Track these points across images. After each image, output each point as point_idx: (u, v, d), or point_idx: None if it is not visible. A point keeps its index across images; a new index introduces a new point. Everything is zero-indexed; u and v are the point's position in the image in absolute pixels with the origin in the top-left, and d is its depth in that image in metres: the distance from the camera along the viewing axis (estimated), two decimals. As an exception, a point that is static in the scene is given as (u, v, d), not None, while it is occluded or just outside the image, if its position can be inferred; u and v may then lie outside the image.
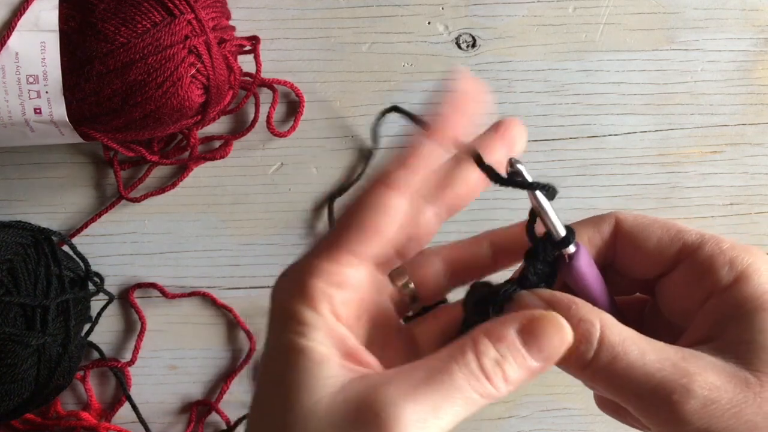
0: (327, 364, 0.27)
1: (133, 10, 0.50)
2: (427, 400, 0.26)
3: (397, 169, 0.29)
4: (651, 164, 0.60)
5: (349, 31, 0.59)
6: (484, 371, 0.27)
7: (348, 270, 0.29)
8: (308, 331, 0.28)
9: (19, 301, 0.50)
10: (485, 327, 0.28)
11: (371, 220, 0.29)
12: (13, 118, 0.51)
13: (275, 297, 0.29)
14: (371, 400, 0.26)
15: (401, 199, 0.29)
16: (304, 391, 0.27)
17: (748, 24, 0.60)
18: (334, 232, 0.29)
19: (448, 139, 0.29)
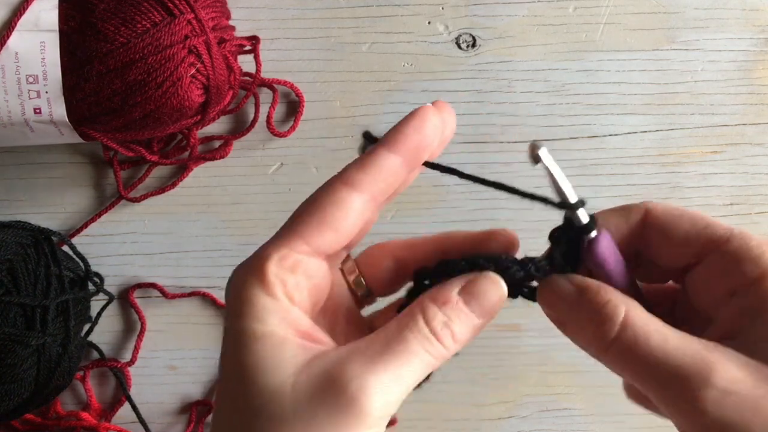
0: (286, 345, 0.28)
1: (133, 10, 0.50)
2: (387, 369, 0.28)
3: (356, 171, 0.31)
4: (651, 164, 0.60)
5: (349, 31, 0.59)
6: (434, 334, 0.29)
7: (300, 256, 0.30)
8: (264, 316, 0.29)
9: (19, 301, 0.50)
10: (430, 293, 0.31)
11: (327, 213, 0.30)
12: (13, 118, 0.51)
13: (230, 285, 0.30)
14: (336, 376, 0.27)
15: (358, 197, 0.30)
16: (267, 375, 0.28)
17: (748, 24, 0.60)
18: (289, 222, 0.31)
19: (407, 152, 0.31)
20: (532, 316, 0.60)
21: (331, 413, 0.27)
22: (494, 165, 0.60)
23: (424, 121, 0.32)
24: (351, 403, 0.27)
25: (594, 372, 0.61)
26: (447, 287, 0.31)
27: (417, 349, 0.29)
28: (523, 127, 0.60)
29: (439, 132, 0.32)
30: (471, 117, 0.59)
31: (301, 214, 0.31)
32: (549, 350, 0.61)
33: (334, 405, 0.27)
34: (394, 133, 0.32)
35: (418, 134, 0.31)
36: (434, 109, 0.32)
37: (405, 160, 0.31)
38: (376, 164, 0.31)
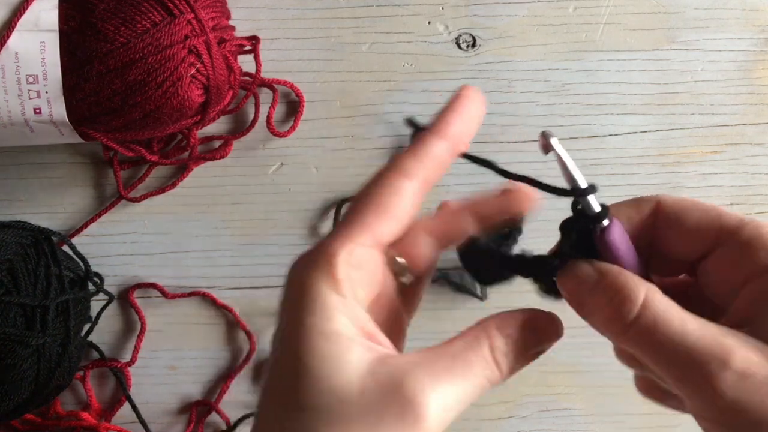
0: (353, 346, 0.29)
1: (133, 10, 0.50)
2: (451, 386, 0.29)
3: (410, 160, 0.31)
4: (651, 164, 0.60)
5: (349, 31, 0.59)
6: (496, 363, 0.31)
7: (364, 251, 0.30)
8: (333, 314, 0.29)
9: (19, 301, 0.50)
10: (497, 320, 0.32)
11: (386, 202, 0.31)
12: (13, 118, 0.51)
13: (296, 278, 0.30)
14: (403, 385, 0.28)
15: (411, 185, 0.31)
16: (334, 374, 0.28)
17: (748, 24, 0.60)
18: (350, 214, 0.31)
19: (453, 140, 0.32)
20: (532, 316, 0.60)
21: (396, 420, 0.28)
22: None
23: (467, 105, 0.32)
24: (416, 414, 0.28)
25: (594, 372, 0.61)
26: (512, 318, 0.32)
27: (478, 373, 0.30)
28: (523, 127, 0.60)
29: (480, 114, 0.33)
30: (471, 117, 0.59)
31: (360, 205, 0.31)
32: (549, 350, 0.61)
33: (399, 413, 0.28)
34: (443, 119, 0.32)
35: (463, 119, 0.32)
36: (476, 93, 0.33)
37: (452, 145, 0.32)
38: (428, 152, 0.32)
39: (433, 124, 0.32)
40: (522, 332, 0.32)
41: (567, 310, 0.63)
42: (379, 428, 0.27)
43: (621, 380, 0.61)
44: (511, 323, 0.32)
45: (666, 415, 0.61)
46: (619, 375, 0.61)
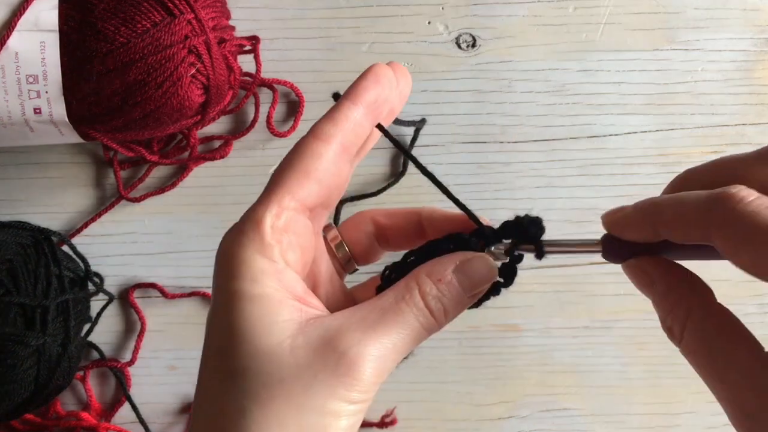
0: (282, 307, 0.29)
1: (133, 10, 0.50)
2: (384, 337, 0.30)
3: (325, 124, 0.33)
4: (651, 164, 0.60)
5: (349, 31, 0.59)
6: (429, 308, 0.31)
7: (290, 213, 0.31)
8: (260, 277, 0.29)
9: (19, 301, 0.50)
10: (426, 268, 0.32)
11: (304, 164, 0.31)
12: (13, 118, 0.51)
13: (223, 246, 0.31)
14: (335, 341, 0.29)
15: (330, 148, 0.32)
16: (263, 336, 0.29)
17: (748, 24, 0.60)
18: (271, 180, 0.32)
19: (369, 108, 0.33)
20: (532, 316, 0.60)
21: (330, 376, 0.28)
22: (494, 165, 0.60)
23: (378, 74, 0.33)
24: (350, 367, 0.28)
25: (594, 372, 0.61)
26: (443, 264, 0.32)
27: (412, 321, 0.30)
28: (523, 127, 0.60)
29: (394, 84, 0.33)
30: (471, 117, 0.59)
31: (281, 171, 0.32)
32: (549, 350, 0.61)
33: (333, 368, 0.28)
34: (354, 87, 0.33)
35: (375, 85, 0.33)
36: (386, 65, 0.33)
37: (367, 111, 0.33)
38: (342, 116, 0.32)
39: (346, 91, 0.33)
40: (454, 276, 0.32)
41: (571, 311, 0.62)
42: (314, 384, 0.28)
43: (621, 380, 0.61)
44: (442, 268, 0.32)
45: (666, 415, 0.62)
46: (619, 375, 0.61)
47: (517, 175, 0.60)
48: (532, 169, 0.60)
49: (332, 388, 0.28)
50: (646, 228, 0.30)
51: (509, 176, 0.60)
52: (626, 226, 0.31)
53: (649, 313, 0.31)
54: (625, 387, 0.61)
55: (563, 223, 0.59)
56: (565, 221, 0.59)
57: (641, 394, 0.61)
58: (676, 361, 0.61)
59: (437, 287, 0.31)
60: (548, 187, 0.60)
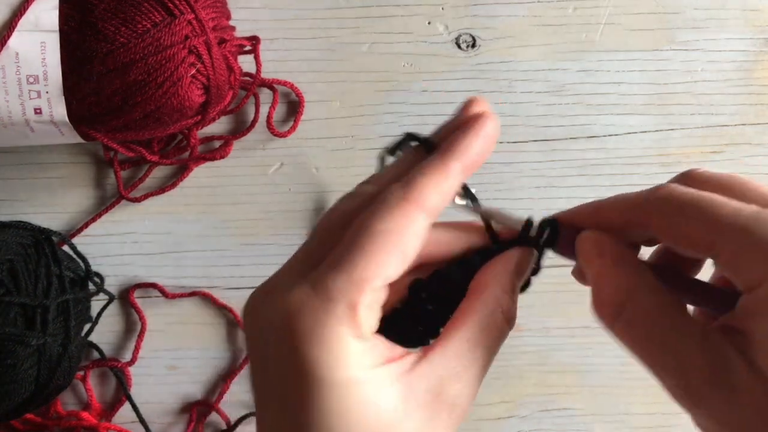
0: (384, 378, 0.28)
1: (133, 10, 0.50)
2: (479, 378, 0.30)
3: (434, 194, 0.29)
4: (651, 164, 0.60)
5: (349, 31, 0.59)
6: (510, 324, 0.31)
7: (377, 293, 0.28)
8: (363, 360, 0.28)
9: (19, 301, 0.50)
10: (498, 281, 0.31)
11: (403, 241, 0.28)
12: (13, 118, 0.51)
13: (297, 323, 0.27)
14: (442, 394, 0.29)
15: (427, 221, 0.29)
16: (376, 410, 0.28)
17: (748, 24, 0.60)
18: (357, 250, 0.28)
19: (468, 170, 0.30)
20: (532, 316, 0.60)
21: (447, 427, 0.29)
22: (494, 165, 0.60)
23: (489, 136, 0.30)
24: (462, 413, 0.29)
25: (594, 372, 0.61)
26: (506, 272, 0.32)
27: (497, 347, 0.31)
28: (523, 127, 0.60)
29: (497, 133, 0.31)
30: (471, 117, 0.59)
31: (376, 244, 0.28)
32: (549, 350, 0.61)
33: (448, 420, 0.29)
34: (463, 147, 0.30)
35: (483, 153, 0.30)
36: (496, 123, 0.31)
37: (467, 170, 0.30)
38: (452, 187, 0.30)
39: (454, 149, 0.29)
40: (517, 280, 0.32)
41: (571, 310, 0.63)
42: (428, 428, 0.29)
43: (621, 380, 0.61)
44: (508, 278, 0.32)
45: (666, 415, 0.62)
46: (619, 375, 0.61)
47: (517, 175, 0.60)
48: (532, 169, 0.60)
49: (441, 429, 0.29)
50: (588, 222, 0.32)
51: (509, 176, 0.60)
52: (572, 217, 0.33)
53: (649, 313, 0.32)
54: (625, 387, 0.61)
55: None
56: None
57: (641, 394, 0.61)
58: (675, 361, 0.61)
59: (513, 297, 0.31)
60: (548, 187, 0.60)
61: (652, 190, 0.30)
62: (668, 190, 0.29)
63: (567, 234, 0.32)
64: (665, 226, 0.29)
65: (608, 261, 0.30)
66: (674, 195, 0.29)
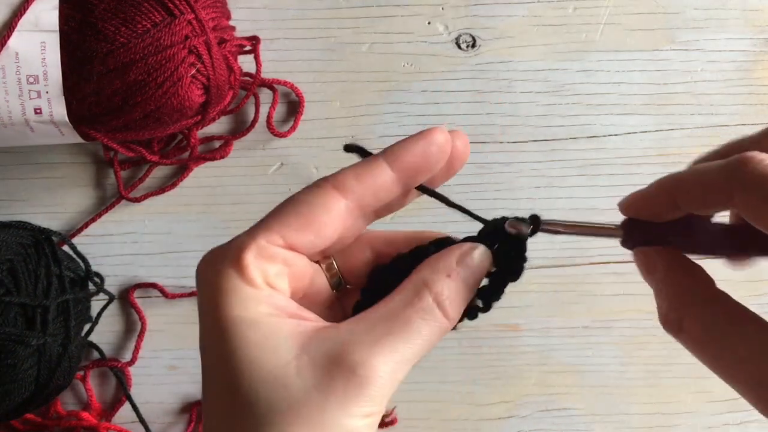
0: (278, 330, 0.28)
1: (133, 10, 0.50)
2: (395, 350, 0.28)
3: (348, 176, 0.31)
4: (651, 164, 0.60)
5: (349, 31, 0.59)
6: (444, 310, 0.30)
7: (279, 249, 0.30)
8: (249, 304, 0.29)
9: (19, 301, 0.50)
10: (431, 266, 0.31)
11: (312, 215, 0.30)
12: (13, 118, 0.51)
13: (203, 275, 0.30)
14: (342, 358, 0.28)
15: (345, 203, 0.30)
16: (266, 360, 0.28)
17: (748, 24, 0.60)
18: (271, 215, 0.31)
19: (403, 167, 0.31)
20: (531, 316, 0.60)
21: (342, 396, 0.27)
22: (494, 165, 0.60)
23: (430, 143, 0.31)
24: (361, 385, 0.27)
25: (594, 372, 0.61)
26: (445, 259, 0.31)
27: (423, 328, 0.29)
28: (523, 127, 0.60)
29: (443, 157, 0.31)
30: (471, 117, 0.59)
31: (284, 209, 0.31)
32: (549, 350, 0.61)
33: (344, 388, 0.27)
34: (397, 147, 0.31)
35: (420, 154, 0.31)
36: (445, 134, 0.31)
37: (400, 177, 0.31)
38: (371, 174, 0.31)
39: (388, 148, 0.31)
40: (460, 269, 0.31)
41: (571, 310, 0.63)
42: (327, 406, 0.27)
43: (621, 380, 0.61)
44: (447, 264, 0.31)
45: (666, 415, 0.62)
46: (619, 375, 0.61)
47: (517, 175, 0.60)
48: (532, 169, 0.60)
49: (345, 407, 0.27)
50: (666, 201, 0.30)
51: (509, 176, 0.60)
52: (645, 203, 0.31)
53: (649, 313, 0.31)
54: (625, 387, 0.61)
55: (563, 223, 0.59)
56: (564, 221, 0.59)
57: (641, 394, 0.61)
58: (675, 361, 0.61)
59: (448, 285, 0.30)
60: (548, 187, 0.60)
61: (734, 163, 0.27)
62: (753, 166, 0.26)
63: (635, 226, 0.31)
64: (752, 208, 0.27)
65: (660, 276, 0.30)
66: (761, 173, 0.26)
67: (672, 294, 0.29)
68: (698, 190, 0.28)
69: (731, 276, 0.31)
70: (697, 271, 0.30)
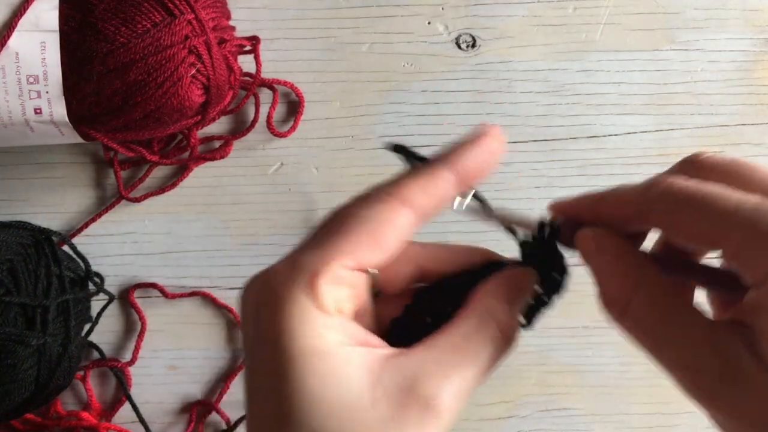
0: (351, 358, 0.27)
1: (133, 10, 0.50)
2: (463, 382, 0.29)
3: (417, 191, 0.30)
4: (651, 164, 0.60)
5: (349, 31, 0.59)
6: (506, 336, 0.30)
7: (348, 272, 0.29)
8: (323, 332, 0.27)
9: (19, 301, 0.50)
10: (494, 295, 0.31)
11: (378, 229, 0.29)
12: (13, 118, 0.51)
13: (266, 298, 0.28)
14: (416, 389, 0.27)
15: (409, 216, 0.29)
16: (340, 392, 0.27)
17: (748, 24, 0.60)
18: (339, 230, 0.29)
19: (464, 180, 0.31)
20: (532, 316, 0.60)
21: (417, 428, 0.27)
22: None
23: (490, 150, 0.31)
24: (434, 417, 0.27)
25: (594, 372, 0.61)
26: (507, 285, 0.31)
27: (487, 355, 0.30)
28: (523, 127, 0.60)
29: (497, 161, 0.31)
30: (471, 117, 0.59)
31: (353, 228, 0.29)
32: (549, 350, 0.61)
33: (418, 420, 0.27)
34: (461, 155, 0.31)
35: (482, 163, 0.31)
36: (500, 138, 0.31)
37: (461, 182, 0.31)
38: (436, 186, 0.30)
39: (448, 156, 0.30)
40: (514, 294, 0.31)
41: (571, 310, 0.62)
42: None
43: (621, 380, 0.61)
44: (508, 294, 0.31)
45: (666, 415, 0.62)
46: (619, 375, 0.61)
47: (517, 175, 0.60)
48: (532, 169, 0.60)
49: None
50: (586, 213, 0.31)
51: (509, 176, 0.60)
52: (570, 209, 0.32)
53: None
54: (625, 387, 0.61)
55: (563, 223, 0.59)
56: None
57: (641, 394, 0.61)
58: (675, 361, 0.61)
59: (512, 314, 0.30)
60: (548, 187, 0.60)
61: (650, 183, 0.29)
62: (667, 184, 0.29)
63: (567, 226, 0.32)
64: (666, 221, 0.29)
65: (610, 257, 0.30)
66: (674, 190, 0.28)
67: (624, 274, 0.29)
68: (617, 205, 0.30)
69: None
70: (644, 256, 0.31)
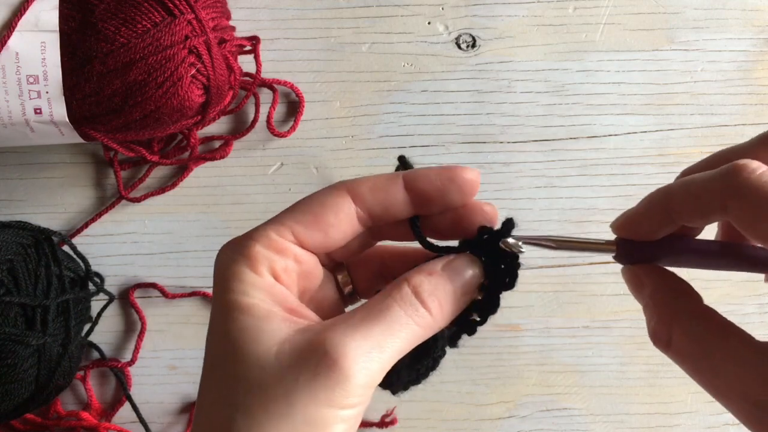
0: (270, 318, 0.29)
1: (133, 11, 0.50)
2: (369, 336, 0.28)
3: (364, 185, 0.32)
4: (651, 164, 0.60)
5: (349, 31, 0.59)
6: (421, 301, 0.30)
7: (290, 244, 0.31)
8: (249, 290, 0.30)
9: (19, 301, 0.50)
10: (414, 269, 0.31)
11: (320, 212, 0.32)
12: (14, 118, 0.51)
13: (218, 261, 0.32)
14: (318, 343, 0.28)
15: (352, 207, 0.32)
16: (251, 343, 0.29)
17: (748, 24, 0.60)
18: (285, 211, 0.32)
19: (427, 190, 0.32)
20: (531, 316, 0.60)
21: (313, 378, 0.27)
22: (494, 165, 0.60)
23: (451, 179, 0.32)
24: (332, 368, 0.27)
25: (594, 372, 0.61)
26: (430, 263, 0.32)
27: (401, 317, 0.29)
28: (523, 127, 0.60)
29: (461, 198, 0.32)
30: (471, 117, 0.59)
31: (298, 206, 0.32)
32: (549, 350, 0.61)
33: (314, 370, 0.27)
34: (419, 173, 0.32)
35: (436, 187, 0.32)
36: (472, 174, 0.32)
37: (413, 201, 0.32)
38: (385, 188, 0.32)
39: (411, 171, 0.32)
40: (444, 271, 0.31)
41: (571, 310, 0.63)
42: (296, 389, 0.27)
43: (620, 380, 0.61)
44: (431, 264, 0.32)
45: (666, 415, 0.62)
46: (619, 375, 0.61)
47: (516, 175, 0.60)
48: (531, 169, 0.60)
49: (314, 392, 0.27)
50: (659, 217, 0.30)
51: (509, 176, 0.60)
52: (638, 222, 0.31)
53: (649, 313, 0.32)
54: (625, 387, 0.61)
55: (563, 222, 0.59)
56: (565, 221, 0.59)
57: (641, 394, 0.61)
58: (675, 360, 0.61)
59: (428, 280, 0.30)
60: (548, 187, 0.60)
61: (727, 172, 0.27)
62: (746, 176, 0.27)
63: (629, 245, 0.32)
64: (745, 218, 0.27)
65: (648, 292, 0.30)
66: (755, 183, 0.26)
67: (660, 310, 0.30)
68: (691, 202, 0.29)
69: (731, 276, 0.31)
70: (685, 287, 0.31)
